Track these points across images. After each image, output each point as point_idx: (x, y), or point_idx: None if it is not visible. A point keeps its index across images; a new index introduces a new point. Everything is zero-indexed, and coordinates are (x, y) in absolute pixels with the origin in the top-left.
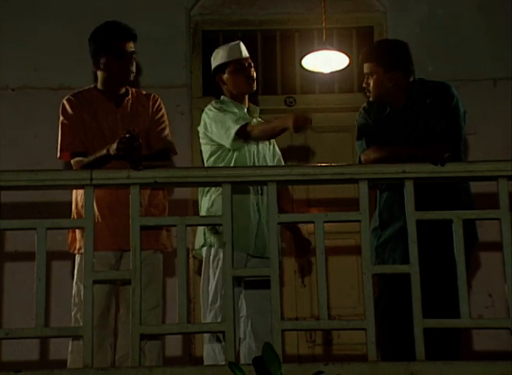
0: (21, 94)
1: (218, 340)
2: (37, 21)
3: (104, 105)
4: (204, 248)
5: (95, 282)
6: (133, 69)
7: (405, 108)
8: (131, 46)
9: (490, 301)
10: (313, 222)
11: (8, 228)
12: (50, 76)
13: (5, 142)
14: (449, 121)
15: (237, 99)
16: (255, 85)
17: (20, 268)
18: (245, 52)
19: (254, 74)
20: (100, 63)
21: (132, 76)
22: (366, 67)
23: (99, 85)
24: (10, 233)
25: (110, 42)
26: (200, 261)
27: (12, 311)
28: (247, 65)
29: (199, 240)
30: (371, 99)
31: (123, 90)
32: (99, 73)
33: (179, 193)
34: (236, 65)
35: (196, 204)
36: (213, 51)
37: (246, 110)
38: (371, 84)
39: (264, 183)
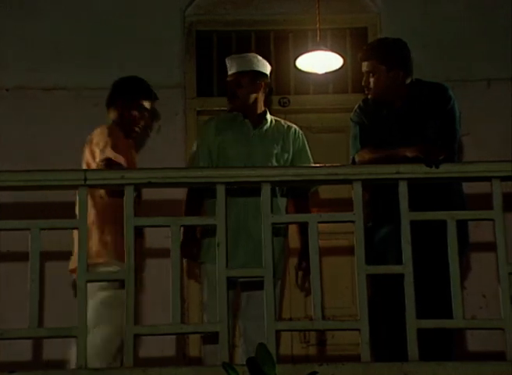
0: (16, 95)
1: (206, 342)
2: (32, 21)
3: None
4: None
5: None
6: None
7: (402, 108)
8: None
9: (484, 301)
10: (307, 222)
11: (2, 228)
12: (45, 77)
13: (0, 142)
14: (444, 123)
15: (244, 114)
16: (234, 104)
17: (14, 268)
18: (231, 69)
19: (235, 92)
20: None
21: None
22: (367, 65)
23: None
24: (4, 234)
25: (135, 96)
26: None
27: (5, 311)
28: (228, 83)
29: None
30: (370, 97)
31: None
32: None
33: (173, 193)
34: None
35: None
36: (207, 51)
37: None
38: (373, 82)
39: (259, 183)
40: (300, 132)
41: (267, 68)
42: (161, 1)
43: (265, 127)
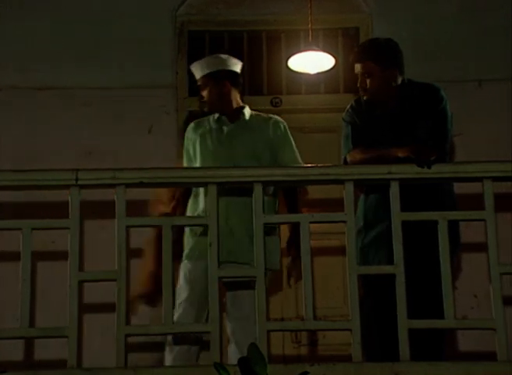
0: (6, 94)
1: (176, 343)
2: (22, 21)
3: None
4: None
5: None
6: None
7: (395, 108)
8: None
9: (475, 301)
10: (299, 222)
11: None
12: (37, 77)
13: None
14: (436, 123)
15: (220, 112)
16: (208, 106)
17: (8, 268)
18: (197, 75)
19: (204, 95)
20: None
21: None
22: (361, 67)
23: None
24: None
25: None
26: None
27: (2, 311)
28: (200, 86)
29: None
30: (365, 98)
31: None
32: None
33: None
34: None
35: None
36: (199, 51)
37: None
38: (370, 83)
39: (250, 183)
40: (282, 122)
41: (232, 64)
42: (153, 1)
43: (243, 121)
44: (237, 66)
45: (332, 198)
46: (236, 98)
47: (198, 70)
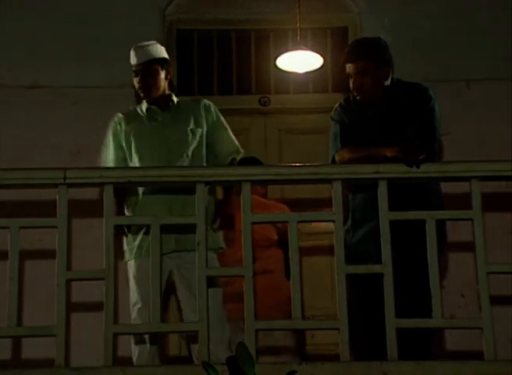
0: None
1: (137, 343)
2: (10, 19)
3: None
4: None
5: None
6: None
7: (384, 107)
8: None
9: (463, 301)
10: (287, 222)
11: None
12: (24, 75)
13: None
14: (425, 123)
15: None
16: (145, 93)
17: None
18: (136, 59)
19: (146, 81)
20: None
21: None
22: (353, 67)
23: None
24: None
25: None
26: None
27: None
28: (139, 72)
29: None
30: (358, 98)
31: None
32: None
33: None
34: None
35: None
36: (187, 50)
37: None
38: (364, 83)
39: (239, 182)
40: (211, 104)
41: (163, 52)
42: (142, 1)
43: (174, 108)
44: (165, 53)
45: (321, 198)
46: (165, 85)
47: (142, 53)
